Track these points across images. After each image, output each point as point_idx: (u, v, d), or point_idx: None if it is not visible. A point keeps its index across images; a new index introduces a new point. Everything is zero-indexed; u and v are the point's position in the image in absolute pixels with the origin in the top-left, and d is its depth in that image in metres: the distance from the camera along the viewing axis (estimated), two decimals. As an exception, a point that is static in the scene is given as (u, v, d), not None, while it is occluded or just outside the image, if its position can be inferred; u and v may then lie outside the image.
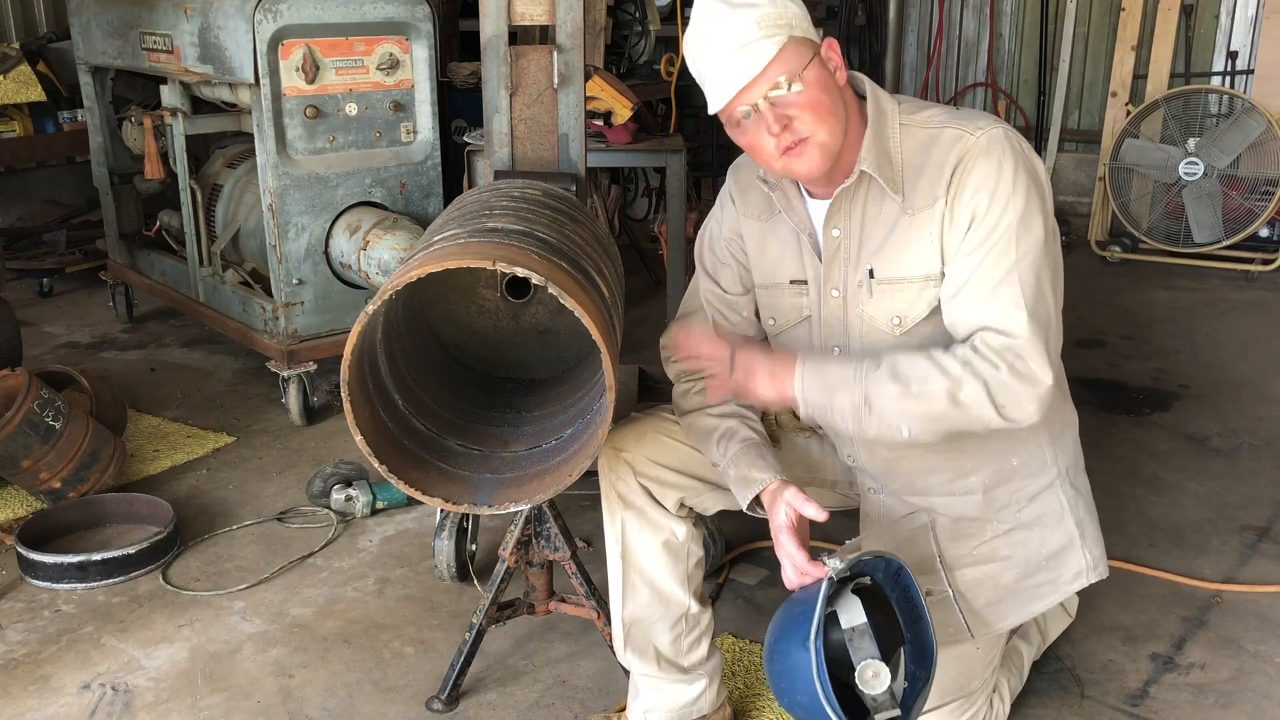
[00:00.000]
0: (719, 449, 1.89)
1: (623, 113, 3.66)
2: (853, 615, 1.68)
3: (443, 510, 2.45)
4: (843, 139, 1.74)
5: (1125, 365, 4.22)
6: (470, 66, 5.01)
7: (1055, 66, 6.56)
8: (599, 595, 2.26)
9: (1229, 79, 5.95)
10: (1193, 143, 5.34)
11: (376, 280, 3.47)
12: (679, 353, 1.94)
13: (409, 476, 1.84)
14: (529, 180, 2.27)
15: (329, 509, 3.07)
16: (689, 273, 2.18)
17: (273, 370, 3.66)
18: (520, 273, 1.71)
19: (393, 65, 3.63)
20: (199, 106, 3.86)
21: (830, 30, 6.63)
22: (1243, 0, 5.97)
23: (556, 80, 2.30)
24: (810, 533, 1.80)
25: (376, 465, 1.80)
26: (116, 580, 2.73)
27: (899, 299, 1.80)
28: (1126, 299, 5.10)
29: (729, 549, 2.79)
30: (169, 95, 3.78)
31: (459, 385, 2.27)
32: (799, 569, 1.72)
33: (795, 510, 1.75)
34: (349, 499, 3.05)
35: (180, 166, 3.82)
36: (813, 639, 1.60)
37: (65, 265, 5.32)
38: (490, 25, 2.28)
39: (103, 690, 2.33)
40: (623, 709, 2.18)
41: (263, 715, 2.25)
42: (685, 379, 2.02)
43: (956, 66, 7.24)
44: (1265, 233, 5.42)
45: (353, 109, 3.60)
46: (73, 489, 3.03)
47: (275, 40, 3.36)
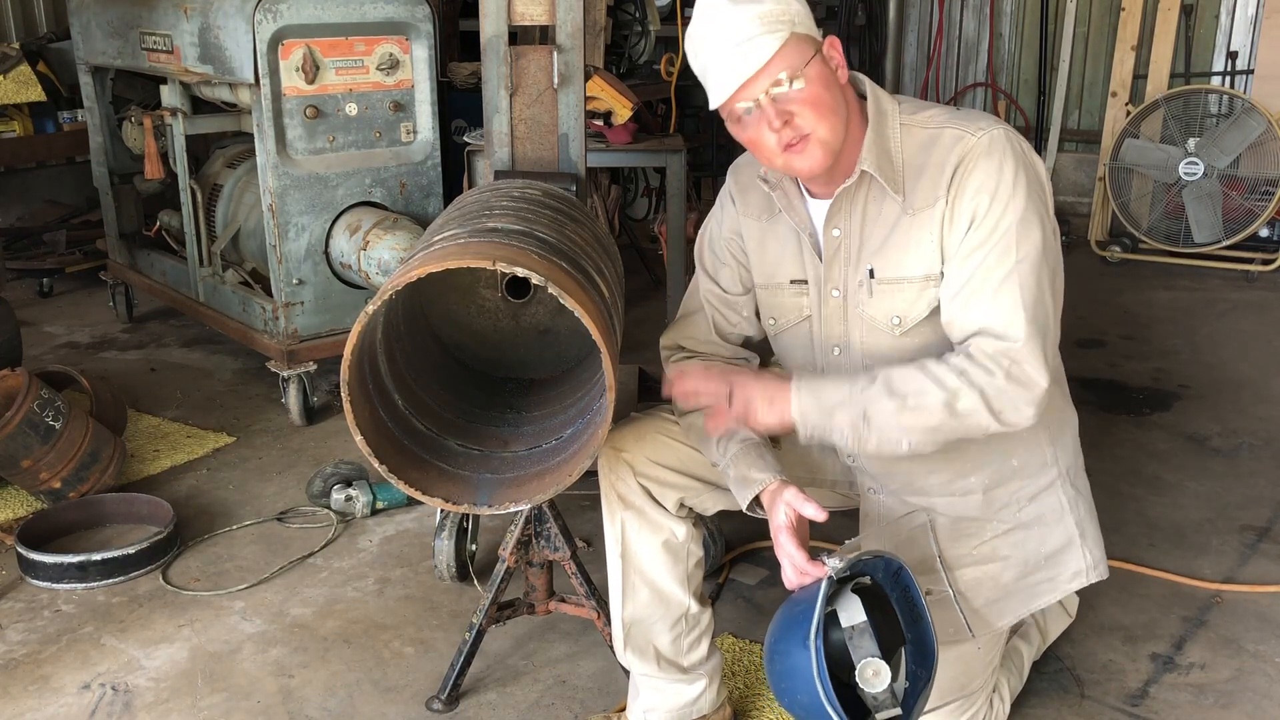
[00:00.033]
0: (718, 449, 1.89)
1: (623, 113, 3.66)
2: (853, 614, 1.68)
3: (443, 510, 2.45)
4: (844, 137, 1.73)
5: (1125, 365, 4.21)
6: (470, 66, 5.01)
7: (1055, 66, 6.56)
8: (599, 595, 2.26)
9: (1229, 79, 5.94)
10: (1193, 143, 5.34)
11: (376, 280, 3.47)
12: (675, 394, 1.90)
13: (409, 476, 1.84)
14: (529, 180, 2.27)
15: (329, 509, 3.07)
16: (689, 273, 2.18)
17: (273, 370, 3.66)
18: (520, 273, 1.71)
19: (393, 65, 3.63)
20: (199, 106, 3.86)
21: (830, 30, 6.59)
22: (1243, 0, 5.97)
23: (556, 80, 2.29)
24: (810, 533, 1.80)
25: (376, 465, 1.80)
26: (116, 580, 2.73)
27: (899, 299, 1.80)
28: (1126, 299, 5.10)
29: (729, 549, 2.79)
30: (169, 95, 3.78)
31: (459, 385, 2.27)
32: (799, 569, 1.72)
33: (795, 510, 1.74)
34: (349, 499, 3.04)
35: (180, 166, 3.82)
36: (813, 638, 1.60)
37: (65, 265, 5.32)
38: (490, 25, 2.28)
39: (103, 690, 2.33)
40: (623, 709, 2.18)
41: (263, 715, 2.25)
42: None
43: (956, 66, 7.23)
44: (1265, 233, 5.42)
45: (353, 109, 3.60)
46: (73, 489, 3.03)
47: (275, 40, 3.36)
